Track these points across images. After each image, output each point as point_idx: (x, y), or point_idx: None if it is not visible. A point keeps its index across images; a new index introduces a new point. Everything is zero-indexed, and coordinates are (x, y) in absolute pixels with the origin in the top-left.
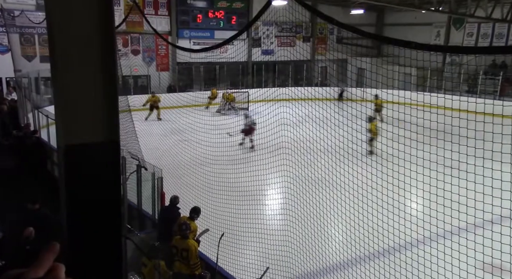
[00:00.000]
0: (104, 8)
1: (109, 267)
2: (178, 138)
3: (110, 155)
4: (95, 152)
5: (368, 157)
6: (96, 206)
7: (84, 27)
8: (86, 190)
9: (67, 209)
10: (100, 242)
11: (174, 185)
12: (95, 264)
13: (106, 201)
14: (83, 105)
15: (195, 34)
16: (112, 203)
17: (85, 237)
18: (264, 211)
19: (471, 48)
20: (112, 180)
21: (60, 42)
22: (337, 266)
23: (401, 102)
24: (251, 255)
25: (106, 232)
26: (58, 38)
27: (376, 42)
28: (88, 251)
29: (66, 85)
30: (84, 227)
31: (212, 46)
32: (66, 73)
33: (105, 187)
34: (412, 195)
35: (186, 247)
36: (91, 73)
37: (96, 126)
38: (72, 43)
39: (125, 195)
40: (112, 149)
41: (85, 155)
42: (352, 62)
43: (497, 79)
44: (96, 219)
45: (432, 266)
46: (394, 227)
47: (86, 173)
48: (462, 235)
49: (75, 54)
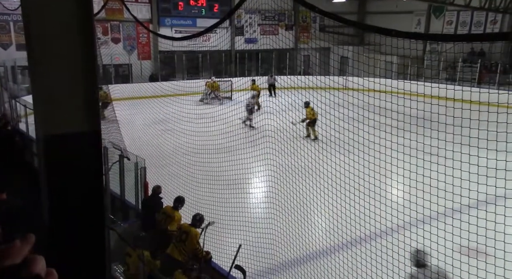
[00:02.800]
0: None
1: (92, 257)
2: (161, 128)
3: (91, 145)
4: (76, 142)
5: (312, 141)
6: (78, 197)
7: (61, 14)
8: (67, 181)
9: (48, 200)
10: (83, 233)
11: (157, 174)
12: (79, 255)
13: (88, 192)
14: (62, 95)
15: (177, 22)
16: (94, 194)
17: (68, 228)
18: (248, 200)
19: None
20: (93, 170)
21: (36, 29)
22: (320, 253)
23: (383, 90)
24: (235, 244)
25: (88, 223)
26: (34, 26)
27: (358, 30)
28: (71, 242)
29: (43, 75)
30: (66, 218)
31: (193, 35)
32: (44, 62)
33: (87, 178)
34: (393, 181)
35: (188, 230)
36: (69, 62)
37: (76, 116)
38: (49, 31)
39: (107, 185)
40: (93, 139)
41: (65, 145)
42: (335, 50)
43: (475, 67)
44: (78, 210)
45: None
46: (375, 213)
47: (67, 163)
48: (440, 220)
49: (52, 42)
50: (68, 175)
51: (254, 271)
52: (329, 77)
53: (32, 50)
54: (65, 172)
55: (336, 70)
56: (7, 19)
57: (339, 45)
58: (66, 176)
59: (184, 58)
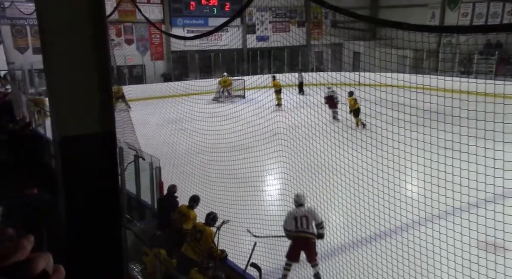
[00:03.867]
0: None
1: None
2: (175, 127)
3: (106, 145)
4: (91, 143)
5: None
6: (94, 197)
7: (74, 16)
8: (84, 181)
9: (65, 200)
10: (100, 233)
11: (172, 174)
12: (96, 255)
13: (104, 192)
14: (77, 97)
15: (189, 22)
16: (111, 194)
17: (85, 228)
18: (262, 197)
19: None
20: (109, 171)
21: (50, 33)
22: (335, 250)
23: (397, 85)
24: (250, 242)
25: (105, 223)
26: (47, 29)
27: (371, 25)
28: (89, 242)
29: (58, 77)
30: (83, 218)
31: (204, 33)
32: (58, 64)
33: (103, 178)
34: (408, 177)
35: (203, 229)
36: (83, 64)
37: (91, 117)
38: (62, 34)
39: (123, 185)
40: (108, 139)
41: (81, 146)
42: (348, 46)
43: (492, 59)
44: (95, 210)
45: (428, 246)
46: (390, 209)
47: (83, 164)
48: (457, 215)
49: (66, 45)
50: (84, 175)
51: (270, 269)
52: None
53: (46, 53)
54: (81, 173)
55: (349, 65)
56: (24, 24)
57: (351, 40)
58: (82, 176)
59: (196, 57)
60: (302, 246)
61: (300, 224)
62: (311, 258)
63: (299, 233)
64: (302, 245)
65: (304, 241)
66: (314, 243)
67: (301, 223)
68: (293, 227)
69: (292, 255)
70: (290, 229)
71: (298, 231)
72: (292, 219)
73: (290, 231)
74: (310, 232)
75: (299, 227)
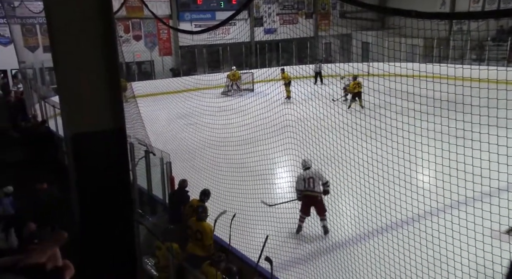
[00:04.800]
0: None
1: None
2: (184, 122)
3: (117, 142)
4: (102, 139)
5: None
6: (106, 193)
7: (81, 13)
8: (95, 178)
9: (78, 196)
10: (113, 228)
11: (182, 168)
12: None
13: (116, 187)
14: (86, 94)
15: (196, 16)
16: (122, 189)
17: (97, 224)
18: (273, 190)
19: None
20: (120, 166)
21: (57, 30)
22: (346, 241)
23: (408, 74)
24: (262, 234)
25: (118, 218)
26: (55, 27)
27: (380, 15)
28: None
29: (67, 75)
30: (96, 214)
31: (212, 27)
32: (66, 62)
33: (114, 174)
34: (420, 166)
35: (201, 229)
36: (92, 61)
37: (101, 114)
38: (71, 31)
39: (135, 181)
40: (118, 135)
41: (92, 143)
42: (357, 36)
43: (505, 46)
44: (107, 206)
45: (441, 236)
46: (401, 200)
47: (95, 160)
48: (470, 204)
49: (74, 42)
50: (96, 172)
51: (282, 261)
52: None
53: (55, 51)
54: (93, 169)
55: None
56: (34, 23)
57: (360, 30)
58: (94, 172)
59: (204, 52)
60: (311, 203)
61: (308, 184)
62: (320, 213)
63: (307, 192)
64: (311, 201)
65: (311, 198)
66: (321, 200)
67: (309, 183)
68: (302, 187)
69: (304, 210)
70: (300, 189)
71: (306, 190)
72: (301, 180)
73: (301, 190)
74: (316, 190)
75: (307, 187)
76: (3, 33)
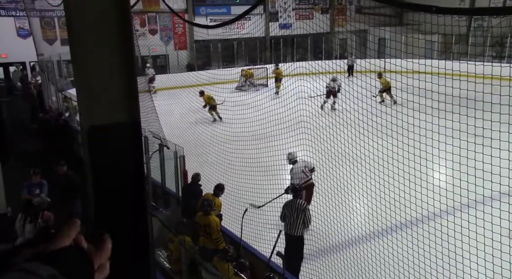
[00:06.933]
0: None
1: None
2: (198, 116)
3: (132, 134)
4: (117, 132)
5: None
6: (121, 185)
7: (99, 6)
8: (110, 169)
9: (93, 188)
10: (127, 220)
11: (196, 162)
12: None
13: (131, 180)
14: (102, 87)
15: (212, 11)
16: (136, 182)
17: (112, 216)
18: (286, 186)
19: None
20: (135, 159)
21: (76, 23)
22: (360, 238)
23: (425, 71)
24: (274, 230)
25: (132, 211)
26: (74, 20)
27: (397, 10)
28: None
29: (85, 67)
30: (111, 206)
31: (227, 22)
32: (84, 55)
33: (129, 166)
34: (436, 165)
35: (208, 223)
36: (109, 54)
37: (116, 107)
38: (89, 24)
39: (149, 174)
40: (133, 128)
41: (108, 135)
42: (373, 32)
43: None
44: (122, 198)
45: (457, 235)
46: (417, 198)
47: (110, 152)
48: (487, 204)
49: (92, 35)
50: (111, 164)
51: None
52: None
53: (73, 44)
54: (108, 161)
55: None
56: (52, 15)
57: (377, 26)
58: (109, 164)
59: (219, 46)
60: (312, 190)
61: (306, 174)
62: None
63: (311, 180)
64: (312, 188)
65: (310, 186)
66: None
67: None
68: (305, 177)
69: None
70: (299, 183)
71: (310, 179)
72: (300, 172)
73: (300, 184)
74: (310, 178)
75: (308, 176)
76: (23, 25)
